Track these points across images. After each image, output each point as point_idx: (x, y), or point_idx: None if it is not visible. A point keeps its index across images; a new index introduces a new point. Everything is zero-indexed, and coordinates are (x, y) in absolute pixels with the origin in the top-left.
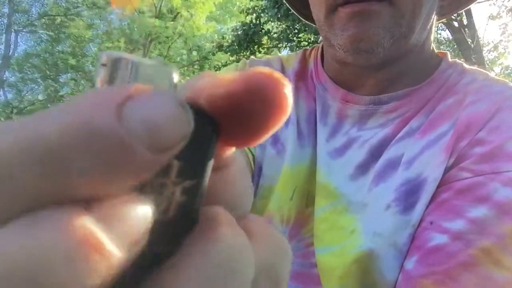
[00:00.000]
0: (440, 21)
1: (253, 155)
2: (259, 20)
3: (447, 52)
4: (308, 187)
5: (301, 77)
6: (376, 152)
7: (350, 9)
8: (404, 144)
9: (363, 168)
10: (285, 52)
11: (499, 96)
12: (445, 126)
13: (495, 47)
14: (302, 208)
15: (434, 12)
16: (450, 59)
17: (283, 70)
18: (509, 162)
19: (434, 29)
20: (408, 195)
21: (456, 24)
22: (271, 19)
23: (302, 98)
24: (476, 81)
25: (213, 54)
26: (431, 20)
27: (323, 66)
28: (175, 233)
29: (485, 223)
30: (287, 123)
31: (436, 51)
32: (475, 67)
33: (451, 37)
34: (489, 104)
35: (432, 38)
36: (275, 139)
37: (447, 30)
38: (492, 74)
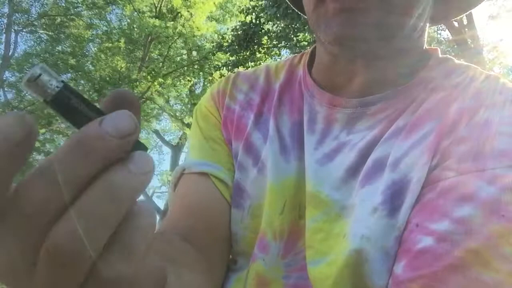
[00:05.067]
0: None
1: (225, 184)
2: (259, 20)
3: (437, 48)
4: (298, 200)
5: (286, 89)
6: (364, 154)
7: (339, 5)
8: (390, 144)
9: (353, 171)
10: (284, 52)
11: (485, 92)
12: (430, 125)
13: (495, 47)
14: (295, 221)
15: (427, 14)
16: (440, 55)
17: (268, 83)
18: (494, 160)
19: (427, 30)
20: (394, 198)
21: (456, 24)
22: (271, 18)
23: (286, 112)
24: (464, 77)
25: (213, 54)
26: (423, 21)
27: (310, 72)
28: None
29: (471, 223)
30: (265, 139)
31: (427, 47)
32: (466, 64)
33: (451, 37)
34: (473, 101)
35: (425, 38)
36: (256, 158)
37: (447, 30)
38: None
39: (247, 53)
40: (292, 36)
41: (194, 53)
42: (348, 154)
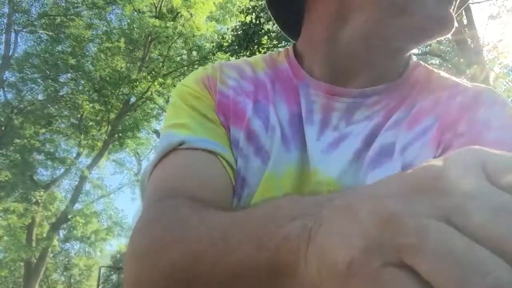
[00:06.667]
0: None
1: (232, 169)
2: (259, 20)
3: None
4: (298, 190)
5: (275, 80)
6: (368, 140)
7: None
8: (394, 133)
9: (357, 155)
10: None
11: (470, 92)
12: (429, 120)
13: (495, 47)
14: None
15: None
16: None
17: (255, 73)
18: None
19: None
20: None
21: (456, 24)
22: (271, 18)
23: (283, 101)
24: (443, 78)
25: (213, 54)
26: None
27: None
28: None
29: None
30: (266, 129)
31: None
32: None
33: (451, 37)
34: (464, 100)
35: None
36: (258, 147)
37: None
38: (492, 74)
39: (247, 53)
40: None
41: (194, 53)
42: (353, 141)
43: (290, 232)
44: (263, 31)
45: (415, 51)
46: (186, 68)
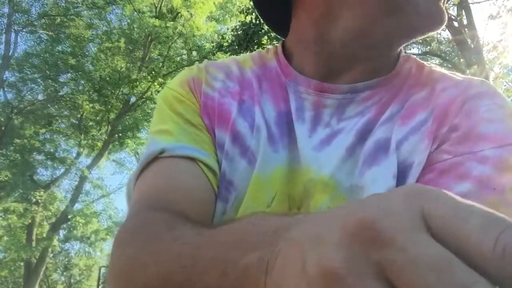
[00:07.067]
0: None
1: (214, 173)
2: (259, 20)
3: None
4: (288, 190)
5: (263, 78)
6: (362, 135)
7: None
8: (389, 127)
9: (350, 150)
10: None
11: (463, 84)
12: (424, 114)
13: (495, 47)
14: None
15: None
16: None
17: (242, 73)
18: (480, 143)
19: None
20: (400, 180)
21: (456, 24)
22: None
23: (269, 100)
24: (435, 71)
25: (213, 54)
26: None
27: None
28: None
29: (468, 197)
30: (252, 129)
31: None
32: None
33: (451, 37)
34: (457, 92)
35: None
36: (244, 149)
37: (447, 30)
38: (492, 74)
39: (247, 53)
40: None
41: (194, 53)
42: (345, 137)
43: (251, 263)
44: (263, 31)
45: (415, 51)
46: (186, 68)
